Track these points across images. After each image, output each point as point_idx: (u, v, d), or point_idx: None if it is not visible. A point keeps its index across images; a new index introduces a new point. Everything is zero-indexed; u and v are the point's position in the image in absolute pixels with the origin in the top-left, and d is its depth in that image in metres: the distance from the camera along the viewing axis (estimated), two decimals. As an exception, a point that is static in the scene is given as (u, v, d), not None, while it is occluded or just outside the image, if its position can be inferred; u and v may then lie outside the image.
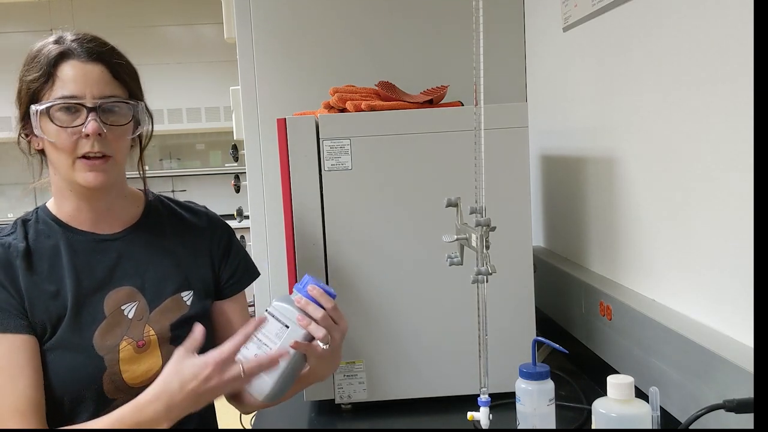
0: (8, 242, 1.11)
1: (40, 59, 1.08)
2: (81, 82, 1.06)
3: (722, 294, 1.01)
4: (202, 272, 1.21)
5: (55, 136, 1.06)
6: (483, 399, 0.98)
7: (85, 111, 1.05)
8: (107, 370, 1.09)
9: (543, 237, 1.82)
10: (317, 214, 1.26)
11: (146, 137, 1.19)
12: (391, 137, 1.26)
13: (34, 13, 5.31)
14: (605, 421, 0.86)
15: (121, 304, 1.13)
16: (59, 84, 1.06)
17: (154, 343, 1.13)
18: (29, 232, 1.13)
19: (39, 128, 1.07)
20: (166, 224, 1.22)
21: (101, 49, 1.09)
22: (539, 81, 1.79)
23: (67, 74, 1.06)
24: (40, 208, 1.17)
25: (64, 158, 1.07)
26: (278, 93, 1.79)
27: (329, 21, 1.80)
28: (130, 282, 1.14)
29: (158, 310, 1.15)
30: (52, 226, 1.14)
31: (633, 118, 1.27)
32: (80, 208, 1.14)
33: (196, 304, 1.19)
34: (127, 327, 1.12)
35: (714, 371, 0.94)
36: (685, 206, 1.10)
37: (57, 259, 1.11)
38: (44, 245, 1.12)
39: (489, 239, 0.94)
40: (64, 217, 1.14)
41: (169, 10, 4.98)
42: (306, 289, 1.07)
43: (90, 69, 1.07)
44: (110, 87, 1.08)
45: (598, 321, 1.32)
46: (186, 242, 1.22)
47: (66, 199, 1.14)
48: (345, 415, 1.30)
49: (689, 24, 1.06)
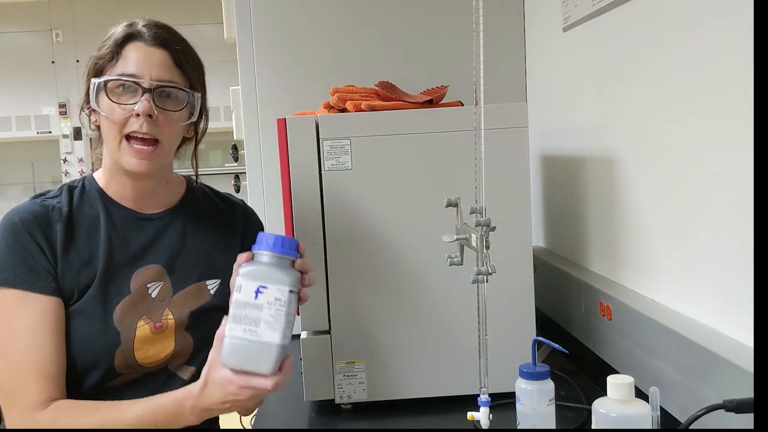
0: (52, 204, 1.13)
1: (110, 38, 1.11)
2: (142, 63, 1.09)
3: (722, 294, 1.01)
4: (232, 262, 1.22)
5: (108, 110, 1.09)
6: (483, 399, 0.98)
7: (140, 91, 1.08)
8: (121, 346, 1.11)
9: (543, 237, 1.82)
10: (317, 214, 1.26)
11: (201, 131, 1.22)
12: (391, 137, 1.26)
13: (34, 13, 5.31)
14: (605, 421, 0.86)
15: (148, 281, 1.15)
16: (122, 62, 1.09)
17: (171, 328, 1.16)
18: (74, 198, 1.16)
19: (95, 101, 1.10)
20: (203, 212, 1.25)
21: (167, 36, 1.12)
22: (539, 81, 1.79)
23: (130, 54, 1.09)
24: (87, 178, 1.20)
25: (113, 135, 1.10)
26: (278, 93, 1.79)
27: (329, 21, 1.80)
28: (159, 261, 1.17)
29: (181, 294, 1.18)
30: (96, 197, 1.17)
31: (633, 118, 1.27)
32: (125, 187, 1.17)
33: (219, 294, 1.21)
34: (148, 306, 1.15)
35: (714, 371, 0.94)
36: (685, 206, 1.10)
37: (95, 228, 1.14)
38: (86, 213, 1.15)
39: (489, 239, 0.94)
40: (110, 191, 1.18)
41: (168, 10, 4.99)
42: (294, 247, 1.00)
43: (153, 52, 1.10)
44: (170, 72, 1.11)
45: (598, 321, 1.32)
46: (220, 232, 1.25)
47: (113, 178, 1.17)
48: (345, 415, 1.30)
49: (689, 23, 1.06)
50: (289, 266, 1.00)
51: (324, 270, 1.27)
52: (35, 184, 5.54)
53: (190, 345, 1.18)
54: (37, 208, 1.12)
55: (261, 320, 0.96)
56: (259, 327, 0.96)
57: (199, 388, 1.02)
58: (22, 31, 5.33)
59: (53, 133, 5.38)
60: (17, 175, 5.53)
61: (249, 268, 0.98)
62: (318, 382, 1.28)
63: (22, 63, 5.25)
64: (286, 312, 0.97)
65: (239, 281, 0.98)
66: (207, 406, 1.02)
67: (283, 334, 0.96)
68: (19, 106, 5.28)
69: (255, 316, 0.96)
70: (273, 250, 0.98)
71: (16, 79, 5.25)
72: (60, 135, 5.36)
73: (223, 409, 1.02)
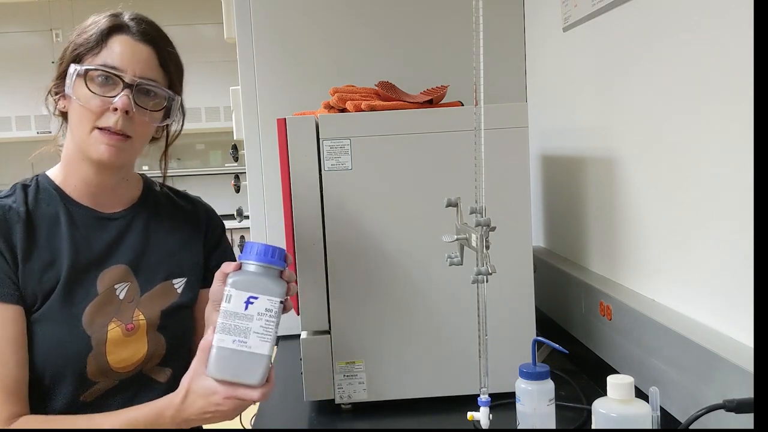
0: (8, 205, 1.08)
1: (94, 27, 1.08)
2: (127, 58, 1.06)
3: (722, 294, 1.01)
4: (195, 260, 1.21)
5: (84, 99, 1.06)
6: (483, 399, 0.97)
7: (121, 85, 1.05)
8: (93, 350, 1.07)
9: (543, 237, 1.82)
10: (317, 214, 1.26)
11: (174, 134, 1.20)
12: (391, 137, 1.26)
13: (34, 13, 5.31)
14: (605, 421, 0.86)
15: (115, 283, 1.11)
16: (106, 52, 1.06)
17: (143, 329, 1.12)
18: (29, 197, 1.11)
19: (71, 88, 1.06)
20: (163, 210, 1.22)
21: (155, 33, 1.10)
22: (539, 81, 1.79)
23: (115, 46, 1.06)
24: (40, 176, 1.16)
25: (84, 124, 1.07)
26: (278, 93, 1.79)
27: (329, 21, 1.80)
28: (125, 262, 1.13)
29: (149, 294, 1.14)
30: (53, 195, 1.12)
31: (633, 118, 1.27)
32: (87, 182, 1.13)
33: (186, 292, 1.19)
34: (117, 308, 1.10)
35: (714, 371, 0.94)
36: (685, 206, 1.10)
37: (56, 229, 1.09)
38: (44, 212, 1.10)
39: (489, 239, 0.94)
40: (68, 188, 1.13)
41: (168, 10, 4.98)
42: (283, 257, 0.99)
43: (139, 48, 1.07)
44: (153, 71, 1.09)
45: (598, 321, 1.32)
46: (182, 229, 1.22)
47: (74, 171, 1.13)
48: (345, 415, 1.30)
49: (690, 23, 1.06)
50: (277, 276, 0.98)
51: (324, 270, 1.27)
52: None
53: (163, 345, 1.15)
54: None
55: (251, 331, 0.94)
56: (249, 338, 0.94)
57: (180, 398, 0.98)
58: (22, 31, 5.32)
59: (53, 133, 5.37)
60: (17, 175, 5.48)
61: (238, 278, 0.96)
62: (318, 382, 1.28)
63: (22, 63, 5.25)
64: (276, 323, 0.95)
65: (228, 291, 0.95)
66: (188, 416, 0.99)
67: (272, 345, 0.96)
68: (19, 106, 5.28)
69: (245, 327, 0.94)
70: (263, 260, 0.96)
71: (16, 79, 5.24)
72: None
73: (203, 419, 0.98)
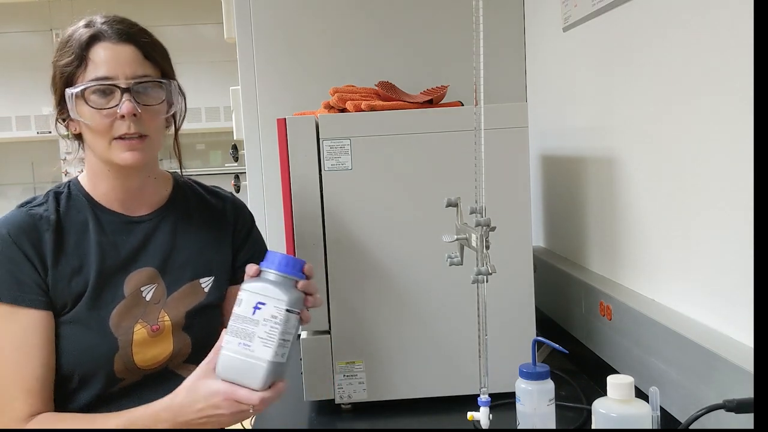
0: (39, 213, 1.11)
1: (72, 43, 1.08)
2: (113, 64, 1.06)
3: (722, 294, 1.01)
4: (223, 258, 1.23)
5: (90, 118, 1.07)
6: (483, 399, 0.97)
7: (119, 92, 1.06)
8: (119, 351, 1.10)
9: (543, 237, 1.82)
10: (317, 214, 1.26)
11: (180, 116, 1.20)
12: (391, 137, 1.26)
13: (34, 13, 5.31)
14: (605, 421, 0.86)
15: (141, 285, 1.14)
16: (92, 66, 1.06)
17: (168, 329, 1.15)
18: (61, 204, 1.14)
19: (74, 111, 1.08)
20: (193, 208, 1.24)
21: (131, 30, 1.10)
22: (539, 81, 1.79)
23: (99, 56, 1.06)
24: (72, 182, 1.18)
25: (100, 139, 1.08)
26: (278, 93, 1.79)
27: (329, 21, 1.80)
28: (152, 264, 1.16)
29: (175, 295, 1.17)
30: (83, 202, 1.15)
31: (633, 118, 1.27)
32: (114, 188, 1.15)
33: (214, 291, 1.21)
34: (143, 309, 1.13)
35: (714, 371, 0.94)
36: (685, 206, 1.10)
37: (84, 235, 1.12)
38: (74, 219, 1.13)
39: (489, 239, 0.94)
40: (97, 195, 1.16)
41: (168, 10, 4.98)
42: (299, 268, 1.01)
43: (121, 50, 1.08)
44: (142, 67, 1.09)
45: (598, 321, 1.32)
46: (211, 227, 1.24)
47: (100, 179, 1.15)
48: (345, 415, 1.30)
49: (690, 23, 1.06)
50: (291, 286, 0.99)
51: (324, 270, 1.27)
52: (35, 184, 5.54)
53: (189, 344, 1.17)
54: (24, 218, 1.10)
55: (255, 335, 0.96)
56: (252, 342, 0.96)
57: (179, 399, 0.99)
58: (22, 31, 5.33)
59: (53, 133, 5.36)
60: (17, 175, 5.53)
61: (251, 284, 0.98)
62: (318, 382, 1.28)
63: (22, 63, 5.25)
64: (282, 330, 0.96)
65: (241, 295, 0.98)
66: (186, 417, 0.99)
67: (275, 352, 0.96)
68: (19, 106, 5.29)
69: (250, 331, 0.96)
70: (276, 268, 0.99)
71: (16, 79, 5.25)
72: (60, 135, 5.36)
73: (201, 422, 0.98)
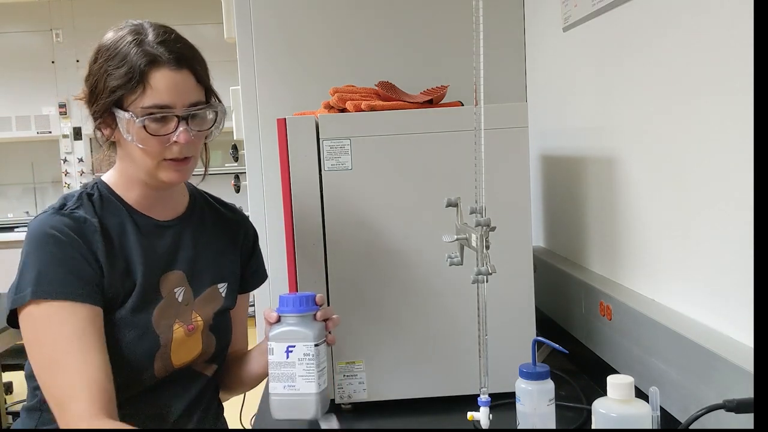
0: (83, 217, 1.10)
1: (124, 59, 1.05)
2: (173, 93, 1.06)
3: (722, 294, 1.01)
4: (233, 267, 1.27)
5: (143, 141, 1.07)
6: (483, 399, 0.98)
7: (176, 120, 1.07)
8: (160, 349, 1.13)
9: (543, 237, 1.82)
10: (317, 214, 1.26)
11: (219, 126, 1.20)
12: (391, 137, 1.26)
13: (34, 13, 5.31)
14: (605, 421, 0.86)
15: (174, 287, 1.17)
16: (150, 93, 1.05)
17: (200, 329, 1.19)
18: (96, 207, 1.14)
19: (128, 132, 1.07)
20: (207, 216, 1.27)
21: (187, 53, 1.09)
22: (539, 81, 1.79)
23: (159, 83, 1.05)
24: (99, 184, 1.17)
25: (150, 159, 1.09)
26: (278, 93, 1.79)
27: (329, 21, 1.80)
28: (181, 267, 1.19)
29: (200, 298, 1.21)
30: (117, 206, 1.15)
31: (633, 118, 1.27)
32: (147, 196, 1.17)
33: (229, 296, 1.25)
34: (177, 310, 1.17)
35: (714, 371, 0.94)
36: (685, 206, 1.10)
37: (124, 237, 1.14)
38: (112, 222, 1.14)
39: (489, 239, 0.94)
40: (130, 199, 1.17)
41: (168, 10, 4.99)
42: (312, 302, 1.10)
43: (180, 78, 1.07)
44: (197, 93, 1.10)
45: (598, 321, 1.32)
46: (222, 237, 1.27)
47: (135, 186, 1.16)
48: (345, 415, 1.30)
49: (689, 23, 1.06)
50: (311, 321, 1.09)
51: (324, 270, 1.27)
52: (35, 184, 5.54)
53: (214, 344, 1.21)
54: (68, 221, 1.08)
55: (296, 375, 1.06)
56: (296, 382, 1.07)
57: None
58: (22, 31, 5.33)
59: (53, 133, 5.38)
60: (17, 175, 5.53)
61: (276, 331, 1.08)
62: (318, 382, 1.28)
63: (22, 63, 5.25)
64: (317, 363, 1.07)
65: (270, 345, 1.08)
66: None
67: (318, 384, 1.07)
68: (19, 106, 5.29)
69: (290, 373, 1.07)
70: (293, 311, 1.08)
71: (16, 79, 5.25)
72: (60, 135, 5.37)
73: None
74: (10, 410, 3.03)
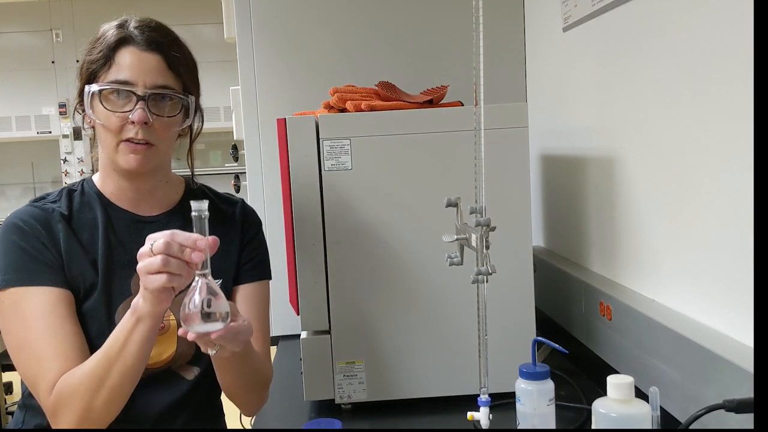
0: (52, 207, 1.14)
1: (102, 42, 1.10)
2: (136, 70, 1.08)
3: (722, 294, 1.01)
4: (229, 263, 1.24)
5: (103, 117, 1.09)
6: (483, 399, 0.97)
7: (135, 98, 1.07)
8: None
9: (543, 237, 1.82)
10: (317, 214, 1.26)
11: (196, 131, 1.21)
12: (391, 137, 1.26)
13: (34, 13, 5.31)
14: (605, 421, 0.86)
15: None
16: (115, 68, 1.08)
17: (173, 329, 1.17)
18: (74, 202, 1.16)
19: (90, 108, 1.10)
20: None
21: (161, 39, 1.11)
22: (539, 81, 1.79)
23: (123, 60, 1.08)
24: (86, 181, 1.20)
25: (109, 139, 1.10)
26: (278, 93, 1.79)
27: (329, 21, 1.80)
28: None
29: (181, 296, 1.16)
30: (95, 200, 1.17)
31: (633, 118, 1.27)
32: (122, 188, 1.17)
33: None
34: None
35: (714, 371, 0.94)
36: (685, 206, 1.10)
37: (95, 232, 1.15)
38: (86, 216, 1.15)
39: (489, 239, 0.94)
40: (108, 193, 1.18)
41: (168, 10, 4.99)
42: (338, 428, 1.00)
43: (146, 57, 1.09)
44: (164, 77, 1.10)
45: (598, 321, 1.32)
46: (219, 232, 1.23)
47: (110, 177, 1.17)
48: (345, 415, 1.30)
49: (690, 23, 1.06)
50: None
51: (324, 270, 1.27)
52: (35, 184, 5.54)
53: (192, 346, 1.17)
54: (36, 211, 1.12)
55: None
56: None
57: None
58: (22, 31, 5.32)
59: (53, 133, 5.38)
60: (17, 175, 5.53)
61: None
62: (318, 382, 1.28)
63: (22, 63, 5.25)
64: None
65: None
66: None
67: None
68: (19, 106, 5.28)
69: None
70: None
71: (16, 79, 5.25)
72: (60, 135, 5.36)
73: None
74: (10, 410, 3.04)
